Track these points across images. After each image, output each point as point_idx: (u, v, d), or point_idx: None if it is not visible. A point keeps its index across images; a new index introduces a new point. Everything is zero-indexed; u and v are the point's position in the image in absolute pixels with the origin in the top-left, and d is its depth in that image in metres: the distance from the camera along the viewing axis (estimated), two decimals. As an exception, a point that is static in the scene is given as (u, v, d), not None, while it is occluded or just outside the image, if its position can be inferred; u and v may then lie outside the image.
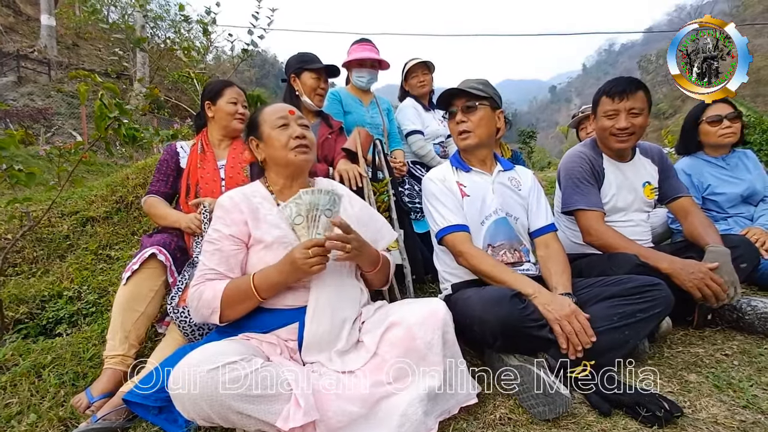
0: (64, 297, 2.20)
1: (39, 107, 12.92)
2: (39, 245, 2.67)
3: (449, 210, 1.74)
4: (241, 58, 4.34)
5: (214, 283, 1.33)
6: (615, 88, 1.91)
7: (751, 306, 1.77)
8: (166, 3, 18.04)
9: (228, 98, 2.11)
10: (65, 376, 1.62)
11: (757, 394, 1.34)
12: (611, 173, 2.04)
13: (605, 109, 1.95)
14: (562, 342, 1.40)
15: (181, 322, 1.59)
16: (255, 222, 1.41)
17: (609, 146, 2.01)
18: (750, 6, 48.14)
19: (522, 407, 1.34)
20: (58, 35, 16.31)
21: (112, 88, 2.06)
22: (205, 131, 2.16)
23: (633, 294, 1.48)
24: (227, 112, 2.09)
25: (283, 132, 1.45)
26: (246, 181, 2.01)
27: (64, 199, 3.08)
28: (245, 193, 1.48)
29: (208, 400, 1.03)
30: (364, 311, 1.44)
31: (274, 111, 1.50)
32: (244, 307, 1.33)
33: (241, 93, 2.20)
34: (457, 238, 1.70)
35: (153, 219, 2.01)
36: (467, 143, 1.80)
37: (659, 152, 2.14)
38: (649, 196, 2.07)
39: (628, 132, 1.91)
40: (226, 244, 1.37)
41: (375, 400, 1.19)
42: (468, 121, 1.78)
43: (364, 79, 2.82)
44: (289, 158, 1.44)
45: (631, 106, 1.88)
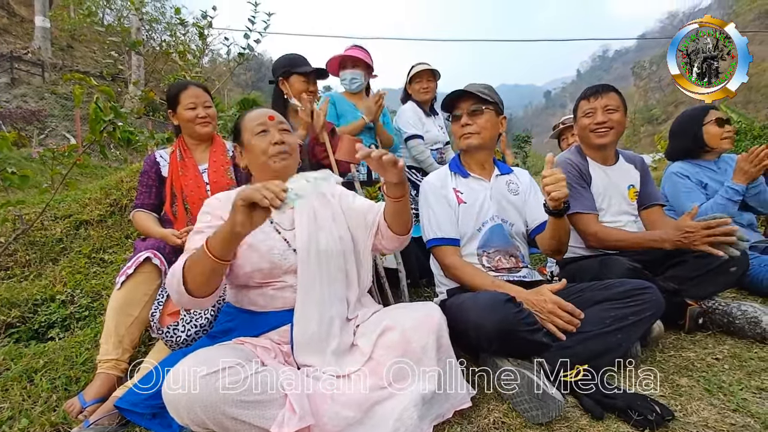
0: (56, 301, 2.19)
1: (32, 109, 12.81)
2: (32, 248, 2.65)
3: (441, 221, 1.77)
4: (237, 62, 4.35)
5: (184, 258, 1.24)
6: (589, 91, 2.09)
7: (741, 310, 1.79)
8: (162, 6, 18.01)
9: (185, 104, 2.01)
10: (57, 381, 1.61)
11: (747, 398, 1.36)
12: (597, 177, 2.10)
13: (583, 110, 2.09)
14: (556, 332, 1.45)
15: (167, 341, 1.58)
16: None
17: (591, 143, 2.09)
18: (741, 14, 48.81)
19: (516, 411, 1.34)
20: (53, 37, 16.22)
21: (108, 91, 2.06)
22: (182, 137, 2.11)
23: (625, 297, 1.50)
24: (187, 119, 2.01)
25: (262, 138, 1.43)
26: (231, 183, 2.00)
27: (57, 202, 3.06)
28: (230, 196, 1.48)
29: (203, 404, 1.02)
30: (360, 315, 1.44)
31: (253, 117, 1.48)
32: (203, 274, 1.16)
33: (201, 93, 2.06)
34: (445, 251, 1.75)
35: (142, 234, 1.99)
36: (469, 142, 1.83)
37: (641, 161, 2.24)
38: (633, 199, 2.14)
39: (606, 126, 2.02)
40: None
41: (370, 404, 1.19)
42: (473, 124, 1.81)
43: (346, 78, 2.81)
44: (268, 165, 1.43)
45: (606, 103, 2.02)
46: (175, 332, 1.58)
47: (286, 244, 1.39)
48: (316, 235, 1.41)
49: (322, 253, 1.39)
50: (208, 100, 2.07)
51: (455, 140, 1.91)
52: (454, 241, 1.76)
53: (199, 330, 1.59)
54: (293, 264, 1.36)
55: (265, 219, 1.10)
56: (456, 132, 1.88)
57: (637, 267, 1.74)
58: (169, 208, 1.96)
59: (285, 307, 1.36)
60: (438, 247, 1.77)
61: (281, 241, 1.40)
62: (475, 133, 1.81)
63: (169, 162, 2.02)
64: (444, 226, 1.76)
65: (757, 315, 1.75)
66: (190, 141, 2.08)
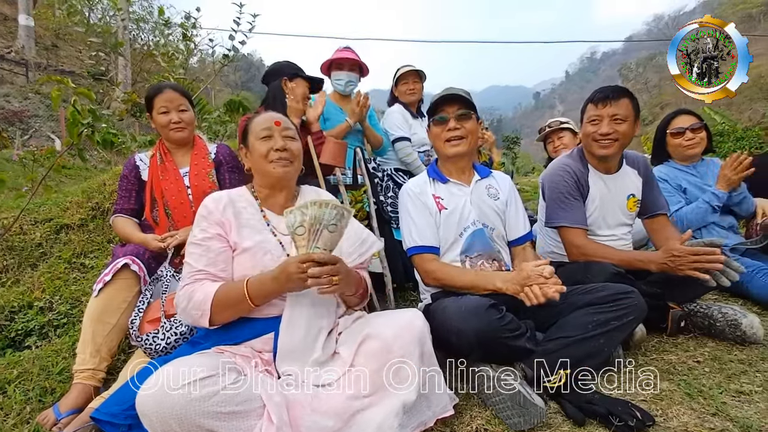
0: (34, 308, 2.13)
1: (15, 110, 12.54)
2: (10, 254, 2.58)
3: (420, 228, 1.76)
4: (222, 63, 4.30)
5: (205, 284, 1.30)
6: (599, 95, 1.94)
7: (721, 313, 1.81)
8: (150, 5, 17.77)
9: (158, 108, 1.96)
10: (32, 392, 1.57)
11: (726, 402, 1.37)
12: (596, 187, 2.02)
13: (589, 115, 1.97)
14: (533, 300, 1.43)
15: (146, 349, 1.55)
16: (238, 225, 1.40)
17: (593, 152, 1.99)
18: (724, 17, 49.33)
19: (498, 418, 1.34)
20: (37, 36, 15.92)
21: (87, 93, 2.02)
22: (162, 140, 2.06)
23: (607, 302, 1.50)
24: (160, 124, 1.97)
25: (265, 143, 1.44)
26: (213, 186, 1.97)
27: (37, 206, 2.99)
28: (231, 196, 1.47)
29: (177, 418, 1.00)
30: (342, 322, 1.42)
31: (260, 122, 1.49)
32: (234, 312, 1.30)
33: (176, 97, 1.98)
34: (424, 258, 1.74)
35: (122, 240, 1.96)
36: (458, 150, 1.78)
37: (645, 163, 2.13)
38: (632, 209, 2.07)
39: (611, 138, 1.90)
40: (213, 244, 1.35)
41: (350, 413, 1.18)
42: (461, 128, 1.77)
43: (342, 81, 2.81)
44: (268, 170, 1.44)
45: (614, 112, 1.88)
46: (154, 340, 1.55)
47: (281, 248, 1.40)
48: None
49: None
50: (183, 103, 2.00)
51: (437, 144, 1.84)
52: (433, 249, 1.75)
53: (179, 337, 1.57)
54: None
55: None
56: (440, 136, 1.81)
57: (620, 271, 1.74)
58: (149, 213, 1.93)
59: (271, 314, 1.34)
60: (418, 255, 1.75)
61: (277, 245, 1.40)
62: (464, 139, 1.78)
63: (149, 166, 1.98)
64: (423, 234, 1.75)
65: (737, 317, 1.77)
66: (170, 144, 2.04)
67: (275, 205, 1.50)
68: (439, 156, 1.92)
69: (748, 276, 2.15)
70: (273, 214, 1.48)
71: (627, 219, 2.08)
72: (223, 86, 27.63)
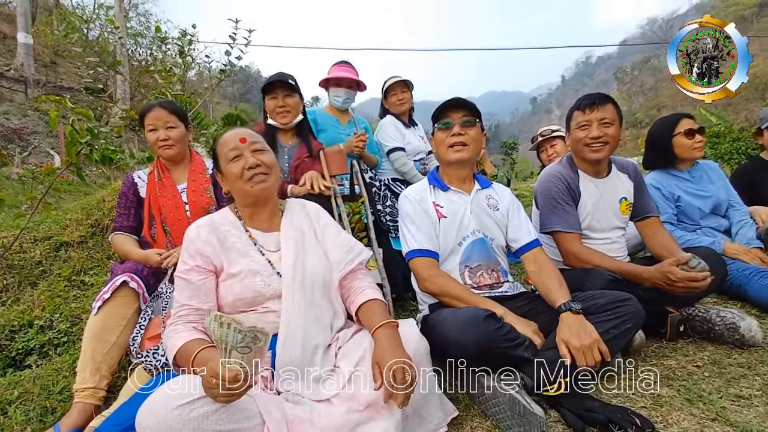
0: (34, 326, 2.13)
1: (14, 127, 12.62)
2: (10, 272, 2.59)
3: (420, 233, 1.75)
4: (219, 78, 4.35)
5: (179, 331, 1.27)
6: (585, 101, 1.98)
7: (720, 317, 1.81)
8: (147, 20, 17.97)
9: (147, 126, 1.97)
10: (32, 412, 1.57)
11: (726, 406, 1.38)
12: (587, 191, 2.04)
13: (578, 121, 1.99)
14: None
15: (147, 366, 1.55)
16: (223, 251, 1.38)
17: (584, 157, 2.01)
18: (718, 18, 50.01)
19: (499, 428, 1.34)
20: (36, 53, 16.07)
21: (85, 113, 2.04)
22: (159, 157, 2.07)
23: (605, 311, 1.50)
24: (150, 141, 1.99)
25: (236, 164, 1.40)
26: (211, 202, 1.97)
27: (37, 224, 3.01)
28: (214, 220, 1.46)
29: (176, 436, 1.00)
30: (341, 336, 1.42)
31: (225, 143, 1.45)
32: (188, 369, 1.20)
33: (164, 115, 1.97)
34: (423, 262, 1.71)
35: (121, 257, 1.96)
36: (461, 156, 1.79)
37: (634, 168, 2.16)
38: (624, 212, 2.09)
39: (602, 141, 1.93)
40: (193, 276, 1.35)
41: (350, 428, 1.17)
42: (466, 135, 1.78)
43: (340, 98, 2.86)
44: (246, 189, 1.41)
45: (602, 116, 1.92)
46: (155, 356, 1.55)
47: (270, 267, 1.39)
48: (303, 256, 1.40)
49: (307, 276, 1.37)
50: (170, 121, 1.99)
51: (440, 150, 1.84)
52: (433, 253, 1.73)
53: None
54: (277, 290, 1.35)
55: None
56: (444, 141, 1.81)
57: (617, 277, 1.75)
58: (147, 231, 1.93)
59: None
60: (416, 258, 1.72)
61: (266, 265, 1.39)
62: (467, 145, 1.78)
63: (147, 183, 1.99)
64: (423, 238, 1.73)
65: (735, 321, 1.77)
66: (166, 161, 2.05)
67: (260, 221, 1.47)
68: (441, 162, 1.93)
69: (745, 278, 2.16)
70: (259, 231, 1.46)
71: (620, 222, 2.10)
72: (221, 98, 27.77)
